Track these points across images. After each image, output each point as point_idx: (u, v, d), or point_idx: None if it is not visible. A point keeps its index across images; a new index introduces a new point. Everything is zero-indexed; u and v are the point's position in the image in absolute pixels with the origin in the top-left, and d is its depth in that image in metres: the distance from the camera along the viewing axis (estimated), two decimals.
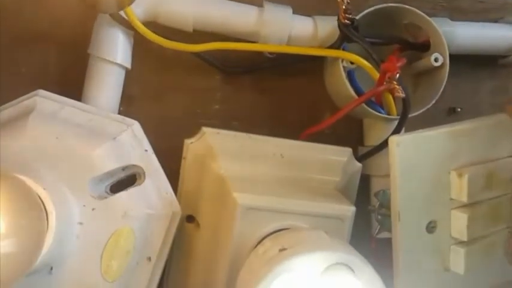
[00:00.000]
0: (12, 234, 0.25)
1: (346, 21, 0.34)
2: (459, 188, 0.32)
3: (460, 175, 0.32)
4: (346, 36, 0.36)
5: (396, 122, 0.37)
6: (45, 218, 0.28)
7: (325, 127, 0.38)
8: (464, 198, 0.32)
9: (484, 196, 0.33)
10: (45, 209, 0.29)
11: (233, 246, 0.31)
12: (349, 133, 0.42)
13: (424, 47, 0.40)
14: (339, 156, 0.38)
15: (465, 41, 0.41)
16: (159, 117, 0.40)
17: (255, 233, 0.31)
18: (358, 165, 0.39)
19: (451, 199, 0.33)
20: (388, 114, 0.39)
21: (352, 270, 0.26)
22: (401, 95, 0.33)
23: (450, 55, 0.42)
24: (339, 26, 0.35)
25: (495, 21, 0.44)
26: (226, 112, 0.41)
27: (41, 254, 0.28)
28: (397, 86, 0.33)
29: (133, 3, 0.34)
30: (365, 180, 0.40)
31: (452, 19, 0.42)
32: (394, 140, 0.31)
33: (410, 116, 0.38)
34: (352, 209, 0.33)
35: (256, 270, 0.26)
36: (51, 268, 0.31)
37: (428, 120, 0.39)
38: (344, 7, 0.33)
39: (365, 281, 0.25)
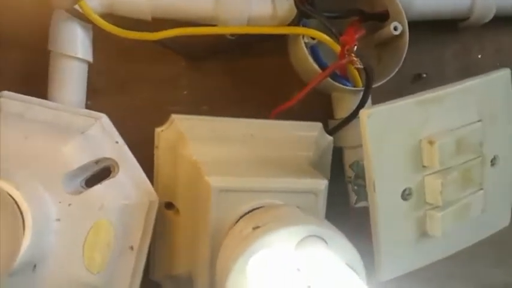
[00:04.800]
0: None
1: None
2: (431, 156, 0.33)
3: (430, 143, 0.33)
4: (303, 13, 0.36)
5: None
6: (20, 218, 0.28)
7: (293, 104, 0.38)
8: (436, 165, 0.33)
9: (455, 161, 0.34)
10: (19, 209, 0.29)
11: (211, 229, 0.32)
12: (319, 108, 0.42)
13: (383, 17, 0.40)
14: (310, 131, 0.38)
15: (423, 7, 0.42)
16: (127, 109, 0.40)
17: (231, 214, 0.32)
18: (330, 138, 0.39)
19: (424, 166, 0.33)
20: (354, 86, 0.39)
21: (325, 241, 0.26)
22: (359, 66, 0.33)
23: (410, 22, 0.42)
24: (295, 3, 0.36)
25: None
26: (195, 97, 0.41)
27: (20, 255, 0.28)
28: (355, 58, 0.33)
29: None
30: (338, 152, 0.41)
31: None
32: (364, 112, 0.32)
33: (375, 86, 0.39)
34: (325, 182, 0.33)
35: (232, 250, 0.27)
36: (35, 266, 0.31)
37: (395, 88, 0.40)
38: None
39: (337, 250, 0.26)
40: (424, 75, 0.44)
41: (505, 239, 0.45)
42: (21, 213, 0.29)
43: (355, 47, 0.34)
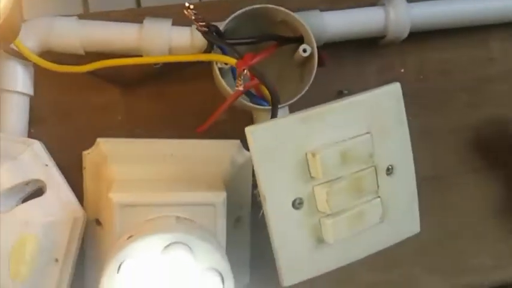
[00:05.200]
0: None
1: (203, 28, 0.38)
2: (315, 167, 0.35)
3: (313, 155, 0.35)
4: (208, 41, 0.39)
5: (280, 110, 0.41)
6: None
7: (211, 122, 0.42)
8: (320, 176, 0.35)
9: (342, 171, 0.36)
10: None
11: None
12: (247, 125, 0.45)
13: (298, 40, 0.43)
14: (227, 148, 0.42)
15: (337, 28, 0.44)
16: (67, 135, 0.44)
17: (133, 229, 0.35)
18: (248, 154, 0.42)
19: (312, 177, 0.36)
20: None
21: (189, 247, 0.29)
22: (240, 89, 0.37)
23: (331, 43, 0.45)
24: (201, 33, 0.39)
25: (373, 5, 0.47)
26: (129, 122, 0.45)
27: None
28: (240, 81, 0.36)
29: (22, 36, 0.39)
30: None
31: (333, 9, 0.45)
32: (248, 130, 0.35)
33: (288, 103, 0.42)
34: (223, 194, 0.37)
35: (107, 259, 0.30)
36: None
37: (319, 104, 0.42)
38: (193, 18, 0.37)
39: (202, 255, 0.29)
40: (346, 92, 0.47)
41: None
42: None
43: (245, 71, 0.37)
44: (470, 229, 0.49)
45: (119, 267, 0.29)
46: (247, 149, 0.43)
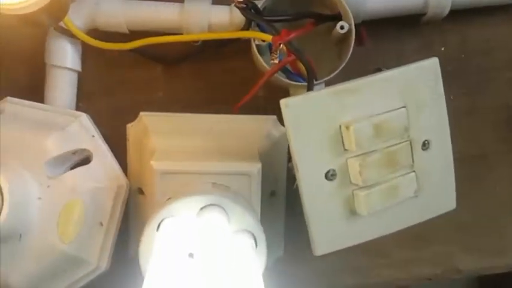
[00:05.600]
0: None
1: (241, 5, 0.39)
2: (349, 139, 0.36)
3: (347, 127, 0.36)
4: (247, 18, 0.41)
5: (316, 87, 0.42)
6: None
7: (249, 99, 0.43)
8: (354, 148, 0.36)
9: (376, 145, 0.36)
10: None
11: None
12: None
13: (336, 18, 0.44)
14: (263, 123, 0.43)
15: (376, 5, 0.44)
16: (112, 109, 0.47)
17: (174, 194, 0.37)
18: (283, 129, 0.43)
19: (346, 149, 0.37)
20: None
21: (224, 209, 0.31)
22: (275, 61, 0.37)
23: (372, 20, 0.45)
24: (239, 10, 0.40)
25: None
26: (169, 98, 0.47)
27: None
28: (275, 55, 0.37)
29: (71, 15, 0.41)
30: None
31: None
32: (283, 102, 0.35)
33: (328, 78, 0.42)
34: (258, 165, 0.38)
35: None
36: (20, 235, 0.39)
37: None
38: None
39: (236, 218, 0.30)
40: (384, 70, 0.46)
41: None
42: (1, 188, 0.36)
43: (280, 45, 0.38)
44: (508, 209, 0.48)
45: (158, 225, 0.31)
46: (284, 124, 0.44)
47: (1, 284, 0.39)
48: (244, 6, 0.40)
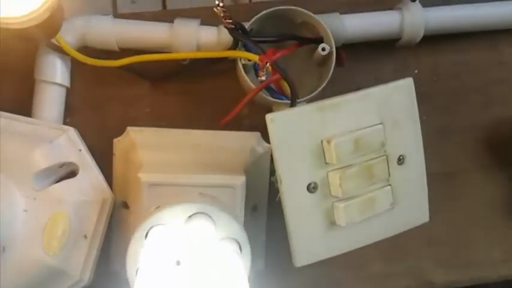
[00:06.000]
0: None
1: (230, 25, 0.41)
2: (330, 153, 0.38)
3: (328, 142, 0.38)
4: (234, 38, 0.43)
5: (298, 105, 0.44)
6: None
7: (234, 116, 0.44)
8: (335, 161, 0.38)
9: (355, 159, 0.38)
10: None
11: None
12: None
13: (318, 40, 0.46)
14: (248, 139, 0.44)
15: (355, 30, 0.47)
16: (99, 124, 0.48)
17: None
18: (267, 146, 0.45)
19: (327, 163, 0.38)
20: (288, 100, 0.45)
21: (211, 217, 0.32)
22: (262, 78, 0.39)
23: (349, 44, 0.48)
24: (227, 30, 0.42)
25: (390, 9, 0.49)
26: (156, 114, 0.48)
27: None
28: (262, 73, 0.39)
29: (62, 33, 0.43)
30: None
31: (352, 12, 0.48)
32: (268, 116, 0.37)
33: (308, 97, 0.44)
34: (243, 178, 0.39)
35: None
36: (3, 248, 0.39)
37: None
38: (222, 15, 0.40)
39: (223, 225, 0.32)
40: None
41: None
42: None
43: (267, 64, 0.40)
44: (479, 224, 0.50)
45: (147, 233, 0.32)
46: (267, 141, 0.46)
47: None
48: (233, 27, 0.42)
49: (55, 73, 0.45)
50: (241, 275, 0.30)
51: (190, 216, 0.32)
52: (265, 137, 0.46)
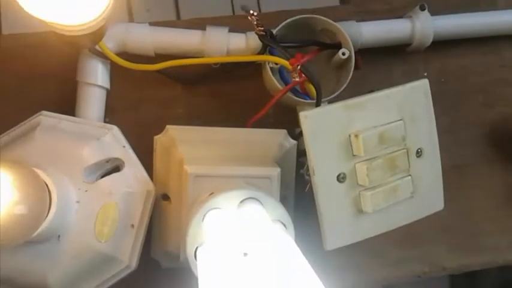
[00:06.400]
0: (25, 201, 0.37)
1: (261, 32, 0.46)
2: (357, 146, 0.42)
3: (356, 136, 0.42)
4: (264, 44, 0.47)
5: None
6: (48, 193, 0.39)
7: (262, 115, 0.49)
8: (362, 154, 0.42)
9: (379, 151, 0.42)
10: (48, 189, 0.40)
11: (189, 208, 0.42)
12: (289, 119, 0.52)
13: (337, 46, 0.50)
14: (276, 136, 0.49)
15: (371, 36, 0.52)
16: (137, 123, 0.51)
17: (204, 195, 0.42)
18: (293, 142, 0.49)
19: (354, 155, 0.43)
20: (312, 100, 0.49)
21: (260, 202, 0.36)
22: (297, 79, 0.44)
23: (364, 49, 0.52)
24: (258, 36, 0.47)
25: (400, 17, 0.54)
26: (189, 114, 0.52)
27: (47, 221, 0.39)
28: (295, 74, 0.43)
29: (105, 38, 0.46)
30: (304, 153, 0.51)
31: (364, 20, 0.53)
32: (302, 114, 0.41)
33: (330, 98, 0.48)
34: (278, 169, 0.43)
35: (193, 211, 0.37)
36: (59, 236, 0.43)
37: None
38: (255, 23, 0.44)
39: (269, 208, 0.36)
40: (375, 90, 0.53)
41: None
42: (50, 192, 0.40)
43: (298, 66, 0.44)
44: (485, 213, 0.55)
45: (203, 217, 0.36)
46: (292, 137, 0.50)
47: (40, 282, 0.43)
48: (264, 33, 0.46)
49: (97, 76, 0.49)
50: (296, 249, 0.34)
51: (242, 201, 0.36)
52: (291, 134, 0.50)
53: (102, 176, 0.46)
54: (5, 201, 0.35)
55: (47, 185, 0.40)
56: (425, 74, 0.56)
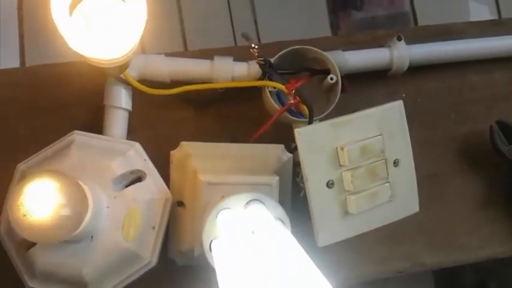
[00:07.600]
0: (69, 204, 0.44)
1: (261, 62, 0.54)
2: (343, 158, 0.50)
3: (341, 149, 0.50)
4: (263, 71, 0.55)
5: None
6: (87, 199, 0.47)
7: (262, 132, 0.57)
8: (347, 164, 0.50)
9: (362, 162, 0.50)
10: (86, 196, 0.48)
11: (202, 212, 0.50)
12: (286, 135, 0.60)
13: (326, 72, 0.59)
14: (275, 150, 0.57)
15: (355, 63, 0.60)
16: (155, 140, 0.59)
17: (214, 200, 0.50)
18: (289, 155, 0.57)
19: (341, 165, 0.51)
20: (305, 118, 0.57)
21: (263, 203, 0.44)
22: (292, 101, 0.52)
23: (349, 74, 0.61)
24: (258, 65, 0.55)
25: (381, 46, 0.62)
26: (200, 132, 0.60)
27: (84, 222, 0.47)
28: (291, 97, 0.52)
29: (128, 68, 0.55)
30: (298, 164, 0.58)
31: (350, 49, 0.61)
32: (297, 131, 0.49)
33: (320, 117, 0.57)
34: (276, 178, 0.51)
35: (207, 212, 0.45)
36: (92, 237, 0.50)
37: None
38: (256, 54, 0.53)
39: (271, 208, 0.44)
40: (359, 110, 0.61)
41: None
42: (87, 198, 0.48)
43: (293, 90, 0.53)
44: (458, 216, 0.63)
45: (216, 215, 0.44)
46: (289, 151, 0.58)
47: (76, 275, 0.50)
48: (263, 62, 0.54)
49: (121, 100, 0.57)
50: (292, 238, 0.42)
51: (248, 202, 0.44)
52: (288, 148, 0.58)
53: (127, 185, 0.54)
54: (53, 204, 0.43)
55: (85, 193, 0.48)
56: (404, 95, 0.64)
